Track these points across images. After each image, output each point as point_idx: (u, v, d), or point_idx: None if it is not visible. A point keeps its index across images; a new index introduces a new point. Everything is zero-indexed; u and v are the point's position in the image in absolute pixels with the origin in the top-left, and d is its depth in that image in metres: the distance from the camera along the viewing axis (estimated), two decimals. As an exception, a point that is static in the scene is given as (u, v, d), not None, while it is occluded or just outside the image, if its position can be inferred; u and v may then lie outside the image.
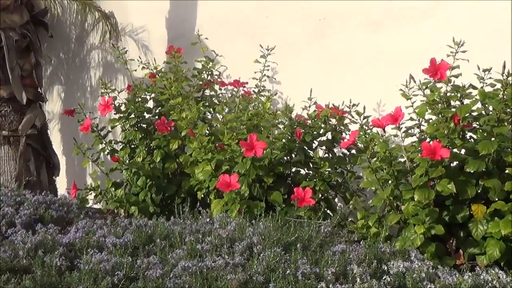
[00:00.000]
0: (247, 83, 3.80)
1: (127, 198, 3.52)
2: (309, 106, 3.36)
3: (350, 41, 3.67)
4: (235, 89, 3.61)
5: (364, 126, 2.99)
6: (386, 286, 2.11)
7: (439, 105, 2.79)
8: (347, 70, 3.67)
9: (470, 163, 2.66)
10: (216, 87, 3.88)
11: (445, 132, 2.70)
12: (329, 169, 3.13)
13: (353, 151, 3.18)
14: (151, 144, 3.65)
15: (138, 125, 3.69)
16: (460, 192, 2.66)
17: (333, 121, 3.24)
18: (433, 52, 2.88)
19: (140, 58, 3.76)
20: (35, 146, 4.33)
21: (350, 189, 3.22)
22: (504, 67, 2.72)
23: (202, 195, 3.32)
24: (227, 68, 4.01)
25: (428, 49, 3.18)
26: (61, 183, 4.60)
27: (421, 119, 2.87)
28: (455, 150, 2.73)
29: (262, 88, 3.76)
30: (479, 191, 2.65)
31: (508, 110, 2.70)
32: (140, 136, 3.63)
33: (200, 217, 2.76)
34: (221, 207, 3.00)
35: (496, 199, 2.62)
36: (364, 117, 3.01)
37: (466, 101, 2.80)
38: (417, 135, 2.89)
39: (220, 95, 3.92)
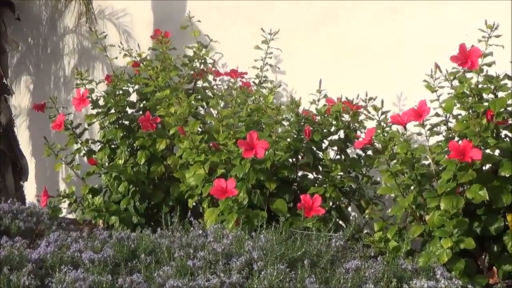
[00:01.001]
0: (246, 73, 3.81)
1: (106, 207, 3.53)
2: (318, 100, 3.37)
3: (365, 24, 3.67)
4: (232, 80, 3.61)
5: (382, 123, 3.00)
6: (408, 309, 2.11)
7: (470, 98, 2.79)
8: (362, 58, 3.67)
9: (505, 166, 2.66)
10: (210, 77, 3.88)
11: (476, 130, 2.70)
12: (342, 173, 3.13)
13: (369, 152, 3.18)
14: (134, 144, 3.65)
15: (119, 121, 3.69)
16: (494, 200, 2.66)
17: (346, 117, 3.25)
18: (461, 38, 2.89)
19: (122, 44, 3.77)
20: (-1, 146, 4.34)
21: (366, 196, 3.22)
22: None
23: (194, 203, 3.32)
24: (223, 55, 4.01)
25: (456, 35, 3.19)
26: (30, 189, 4.60)
27: (448, 115, 2.87)
28: (487, 150, 2.73)
29: (264, 79, 3.77)
30: (516, 198, 2.65)
31: (550, 104, 2.70)
32: (122, 134, 3.63)
33: (192, 228, 2.75)
34: (215, 217, 3.00)
35: (536, 208, 2.63)
36: (382, 113, 3.02)
37: (500, 94, 2.80)
38: (444, 134, 2.89)
39: (215, 87, 3.93)
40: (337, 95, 3.31)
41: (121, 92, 3.71)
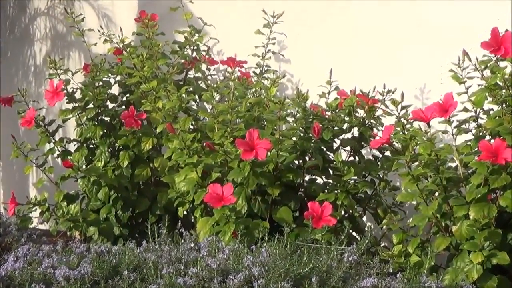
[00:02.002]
0: (245, 61, 3.81)
1: (83, 216, 3.53)
2: (329, 93, 3.37)
3: (382, 5, 3.67)
4: (229, 70, 3.61)
5: (402, 120, 3.00)
6: (432, 334, 2.11)
7: (503, 91, 2.79)
8: (379, 44, 3.67)
9: (544, 169, 2.66)
10: (204, 67, 3.89)
11: (511, 127, 2.70)
12: (355, 177, 3.14)
13: (387, 153, 3.18)
14: (116, 144, 3.66)
15: (99, 118, 3.70)
16: (531, 208, 2.66)
17: (361, 112, 3.25)
18: (493, 22, 2.88)
19: (102, 29, 3.77)
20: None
21: (383, 204, 3.22)
22: None
23: (185, 212, 3.32)
24: (219, 41, 4.02)
25: (487, 17, 3.18)
26: (-4, 196, 4.61)
27: (478, 110, 2.87)
28: (524, 151, 2.73)
29: (266, 69, 3.77)
30: (556, 206, 2.65)
31: None
32: (101, 132, 3.64)
33: (182, 241, 2.75)
34: (210, 228, 3.01)
35: None
36: (403, 107, 3.02)
37: (539, 86, 2.80)
38: (474, 132, 2.89)
39: (209, 77, 3.93)
40: (350, 87, 3.32)
41: (101, 83, 3.72)
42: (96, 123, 3.68)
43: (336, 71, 3.36)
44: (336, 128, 3.22)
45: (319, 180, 3.30)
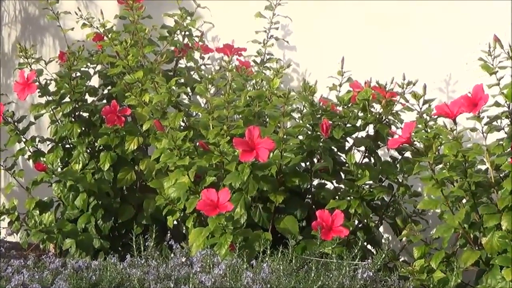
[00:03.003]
0: (244, 49, 3.81)
1: (59, 227, 3.53)
2: (340, 85, 3.37)
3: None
4: (226, 58, 3.62)
5: (424, 116, 3.00)
6: None
7: (540, 82, 2.80)
8: (398, 28, 3.67)
9: None
10: (197, 55, 3.88)
11: (550, 124, 2.71)
12: (371, 182, 3.14)
13: (408, 154, 3.18)
14: (95, 144, 3.66)
15: (76, 113, 3.69)
16: None
17: (377, 107, 3.25)
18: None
19: (80, 11, 3.77)
20: None
21: (403, 213, 3.22)
22: None
23: (175, 222, 3.32)
24: (214, 26, 4.02)
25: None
26: (-42, 203, 4.60)
27: (512, 104, 2.88)
28: None
29: (268, 57, 3.77)
30: None
31: None
32: (79, 130, 3.64)
33: (172, 255, 2.76)
34: (203, 240, 3.01)
35: None
36: (425, 101, 3.02)
37: None
38: (507, 130, 2.89)
39: (203, 67, 3.93)
40: (364, 78, 3.31)
41: (78, 74, 3.71)
42: (73, 119, 3.67)
43: (349, 60, 3.36)
44: (348, 125, 3.22)
45: (329, 185, 3.30)
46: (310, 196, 3.24)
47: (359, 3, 3.76)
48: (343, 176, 3.22)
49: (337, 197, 3.15)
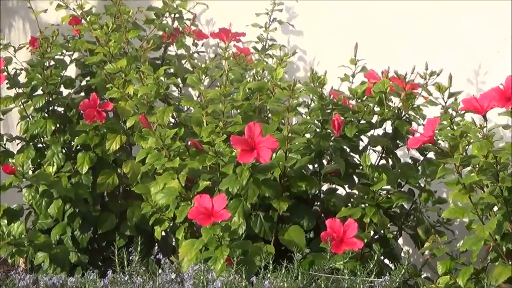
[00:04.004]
0: (243, 34, 3.81)
1: (30, 238, 3.53)
2: (353, 75, 3.37)
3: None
4: (223, 45, 3.62)
5: (450, 111, 3.00)
6: None
7: None
8: (419, 12, 3.67)
9: None
10: (189, 41, 3.89)
11: None
12: (388, 187, 3.14)
13: (431, 155, 3.19)
14: (72, 143, 3.66)
15: (50, 108, 3.70)
16: None
17: (396, 101, 3.25)
18: None
19: (54, -10, 3.78)
20: None
21: (426, 222, 3.23)
22: None
23: (164, 233, 3.32)
24: (208, 7, 4.02)
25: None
26: None
27: (551, 97, 2.88)
28: None
29: (270, 44, 3.77)
30: None
31: None
32: (53, 128, 3.64)
33: (160, 271, 2.76)
34: (196, 254, 3.01)
35: None
36: (451, 94, 3.02)
37: None
38: (544, 127, 2.89)
39: (196, 55, 3.93)
40: (381, 67, 3.32)
41: (52, 63, 3.72)
42: (47, 115, 3.68)
43: (364, 47, 3.37)
44: (362, 121, 3.23)
45: (341, 191, 3.30)
46: (318, 203, 3.24)
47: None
48: (356, 180, 3.22)
49: (349, 204, 3.16)
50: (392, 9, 3.72)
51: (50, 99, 3.68)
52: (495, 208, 2.81)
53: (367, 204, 3.08)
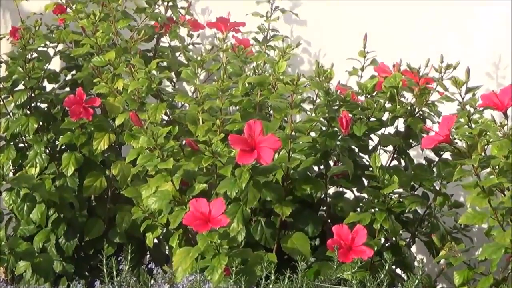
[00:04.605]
0: (243, 24, 3.81)
1: (11, 246, 3.53)
2: (362, 69, 3.38)
3: None
4: (220, 36, 3.62)
5: (468, 107, 3.00)
6: None
7: None
8: (435, 1, 3.68)
9: None
10: (183, 31, 3.89)
11: None
12: (400, 190, 3.15)
13: (446, 155, 3.19)
14: (56, 142, 3.66)
15: (32, 104, 3.70)
16: None
17: (409, 97, 3.26)
18: None
19: (36, -24, 3.79)
20: None
21: (441, 228, 3.23)
22: None
23: (156, 240, 3.32)
24: (205, -6, 4.04)
25: None
26: None
27: None
28: None
29: (272, 34, 3.78)
30: None
31: None
32: (36, 126, 3.64)
33: (152, 281, 2.76)
34: (192, 263, 3.01)
35: None
36: (469, 90, 3.02)
37: None
38: None
39: (191, 47, 3.93)
40: (393, 59, 3.32)
41: (35, 55, 3.72)
42: (29, 112, 3.68)
43: (374, 37, 3.37)
44: (372, 119, 3.23)
45: (349, 194, 3.30)
46: (324, 207, 3.25)
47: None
48: (366, 183, 3.23)
49: (358, 209, 3.16)
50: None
51: (33, 94, 3.68)
52: (517, 214, 2.81)
53: (377, 209, 3.08)
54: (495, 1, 3.56)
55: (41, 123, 3.68)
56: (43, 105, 3.73)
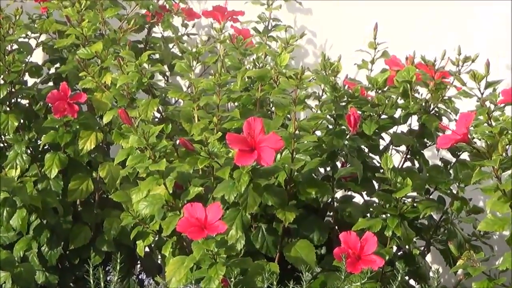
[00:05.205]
0: (242, 12, 3.82)
1: (-11, 255, 3.54)
2: (373, 61, 3.38)
3: None
4: (217, 26, 3.62)
5: (487, 103, 3.00)
6: None
7: None
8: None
9: None
10: (177, 21, 3.88)
11: None
12: (414, 193, 3.14)
13: (465, 156, 3.19)
14: (39, 142, 3.66)
15: (12, 100, 3.70)
16: None
17: (423, 92, 3.25)
18: None
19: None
20: None
21: (458, 235, 3.23)
22: None
23: (147, 248, 3.32)
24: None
25: None
26: None
27: None
28: None
29: (274, 24, 3.78)
30: None
31: None
32: (17, 123, 3.64)
33: (144, 293, 2.76)
34: (186, 273, 3.01)
35: None
36: (488, 84, 3.02)
37: None
38: None
39: (186, 38, 3.92)
40: (406, 52, 3.32)
41: (15, 47, 3.72)
42: (8, 108, 3.68)
43: (385, 27, 3.37)
44: (384, 116, 3.23)
45: (358, 199, 3.30)
46: (331, 213, 3.25)
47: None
48: (376, 186, 3.23)
49: (368, 214, 3.16)
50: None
51: (13, 89, 3.68)
52: (542, 220, 2.81)
53: (389, 215, 3.07)
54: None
55: (22, 121, 3.68)
56: (24, 101, 3.73)
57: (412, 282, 3.19)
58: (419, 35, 3.71)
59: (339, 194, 3.29)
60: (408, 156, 3.30)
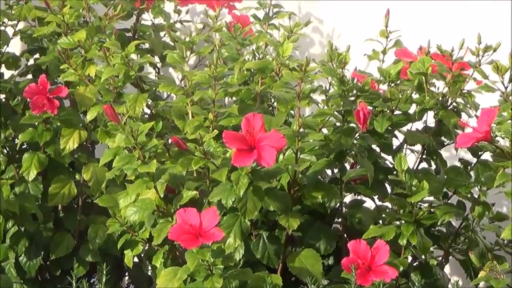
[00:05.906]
0: (240, -1, 3.83)
1: (-39, 265, 3.54)
2: (384, 52, 3.38)
3: None
4: (212, 13, 3.62)
5: (511, 98, 3.00)
6: None
7: None
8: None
9: None
10: (169, 6, 3.89)
11: None
12: (431, 198, 3.14)
13: (486, 156, 3.19)
14: (16, 140, 3.66)
15: (-13, 95, 3.71)
16: None
17: (440, 85, 3.25)
18: None
19: None
20: None
21: (480, 244, 3.23)
22: None
23: (136, 259, 3.32)
24: (194, -37, 4.03)
25: None
26: None
27: None
28: None
29: (276, 11, 3.78)
30: None
31: None
32: (-8, 121, 3.65)
33: (132, 308, 2.77)
34: (179, 286, 3.01)
35: None
36: (512, 78, 3.03)
37: None
38: None
39: (178, 25, 3.92)
40: (420, 41, 3.32)
41: (-9, 36, 3.73)
42: (-17, 104, 3.69)
43: (397, 14, 3.37)
44: (397, 112, 3.23)
45: (368, 203, 3.30)
46: (339, 219, 3.25)
47: None
48: (389, 189, 3.23)
49: (380, 221, 3.16)
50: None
51: (-13, 83, 3.69)
52: None
53: (403, 221, 3.07)
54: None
55: (-3, 118, 3.68)
56: (1, 96, 3.72)
57: (428, 295, 3.20)
58: (435, 23, 3.71)
59: (348, 198, 3.29)
60: (424, 156, 3.30)
